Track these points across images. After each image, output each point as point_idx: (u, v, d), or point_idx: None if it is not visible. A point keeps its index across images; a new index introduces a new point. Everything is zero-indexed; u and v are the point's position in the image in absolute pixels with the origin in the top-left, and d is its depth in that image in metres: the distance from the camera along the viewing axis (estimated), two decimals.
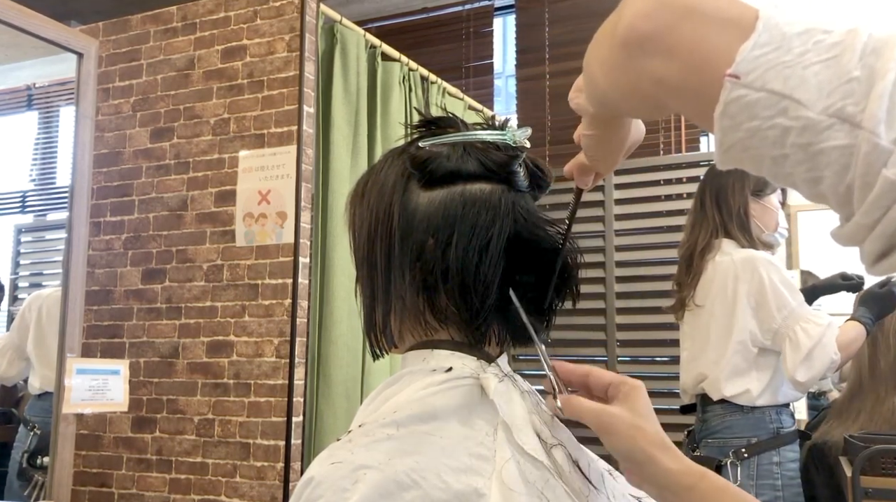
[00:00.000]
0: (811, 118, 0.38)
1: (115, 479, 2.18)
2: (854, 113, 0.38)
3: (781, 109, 0.39)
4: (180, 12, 2.30)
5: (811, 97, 0.39)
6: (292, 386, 1.99)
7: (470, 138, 0.74)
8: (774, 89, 0.39)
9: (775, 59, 0.40)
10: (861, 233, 0.40)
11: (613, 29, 0.48)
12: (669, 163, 3.28)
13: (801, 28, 0.40)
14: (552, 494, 0.67)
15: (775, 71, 0.39)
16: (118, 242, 2.30)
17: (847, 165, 0.38)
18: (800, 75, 0.39)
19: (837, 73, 0.38)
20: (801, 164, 0.40)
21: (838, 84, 0.38)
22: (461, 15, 3.90)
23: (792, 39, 0.40)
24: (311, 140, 2.13)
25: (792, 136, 0.39)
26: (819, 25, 0.40)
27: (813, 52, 0.39)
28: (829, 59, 0.39)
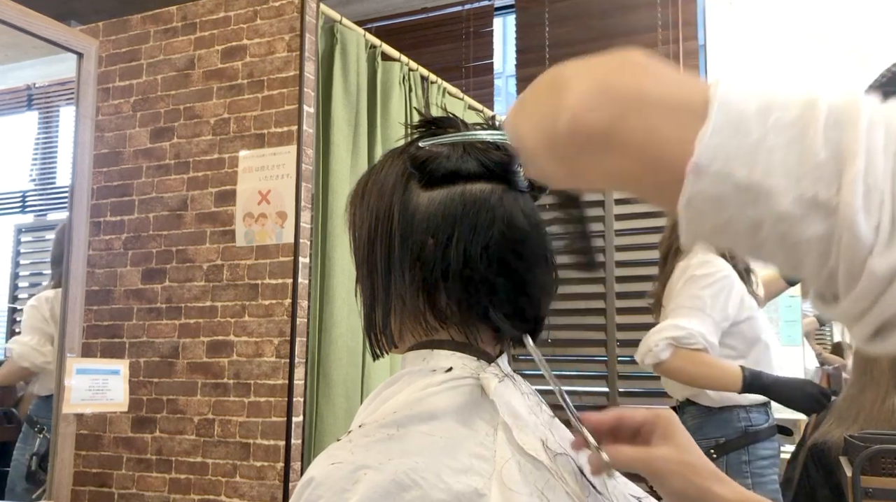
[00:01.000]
0: (784, 210, 0.36)
1: (115, 479, 2.18)
2: (828, 198, 0.36)
3: (750, 200, 0.37)
4: (180, 12, 2.30)
5: (780, 186, 0.36)
6: (292, 386, 1.99)
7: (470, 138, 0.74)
8: (740, 180, 0.37)
9: (736, 145, 0.37)
10: (849, 320, 0.38)
11: (554, 116, 0.43)
12: None
13: (757, 105, 0.38)
14: (552, 494, 0.67)
15: (738, 159, 0.37)
16: (118, 242, 2.30)
17: (827, 253, 0.37)
18: (765, 162, 0.37)
19: (803, 156, 0.36)
20: (779, 253, 0.38)
21: (806, 169, 0.36)
22: (461, 15, 3.90)
23: (749, 120, 0.37)
24: (311, 140, 2.13)
25: (766, 228, 0.37)
26: (775, 99, 0.38)
27: (773, 133, 0.37)
28: (791, 139, 0.37)
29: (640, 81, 0.41)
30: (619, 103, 0.41)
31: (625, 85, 0.41)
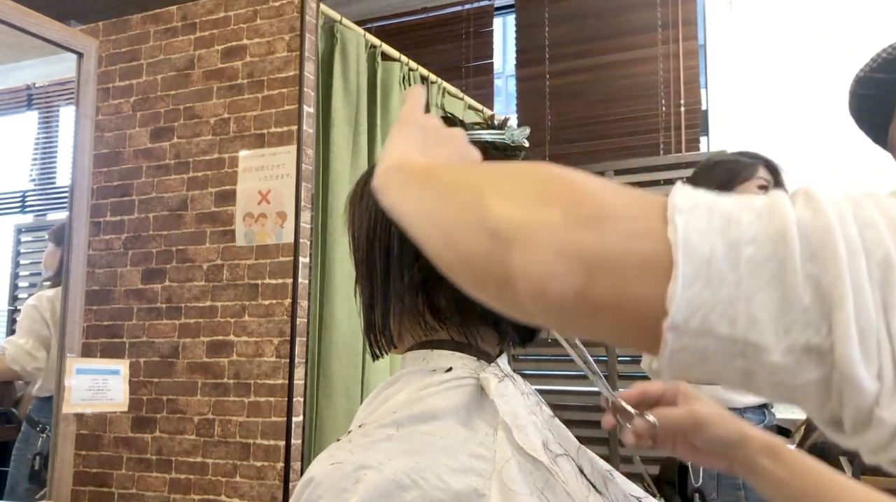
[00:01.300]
0: (775, 362, 0.35)
1: (115, 479, 2.18)
2: (819, 342, 0.34)
3: (738, 352, 0.35)
4: (180, 12, 2.30)
5: (768, 339, 0.34)
6: (292, 386, 1.99)
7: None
8: (723, 334, 0.35)
9: (711, 297, 0.35)
10: (861, 449, 0.37)
11: (502, 269, 0.39)
12: (669, 164, 3.28)
13: (723, 242, 0.35)
14: (552, 494, 0.67)
15: (717, 312, 0.35)
16: (118, 242, 2.30)
17: (827, 394, 0.35)
18: (746, 313, 0.35)
19: (786, 302, 0.34)
20: (776, 395, 0.37)
21: (792, 317, 0.34)
22: (461, 15, 3.90)
23: (719, 264, 0.35)
24: (311, 140, 2.13)
25: (759, 377, 0.36)
26: (739, 227, 0.36)
27: (749, 277, 0.35)
28: (768, 281, 0.35)
29: (596, 235, 0.37)
30: (580, 266, 0.37)
31: (581, 241, 0.37)
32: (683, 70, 3.35)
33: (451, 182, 0.48)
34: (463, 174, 0.49)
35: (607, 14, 3.53)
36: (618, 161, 3.34)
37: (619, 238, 0.37)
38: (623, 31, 3.48)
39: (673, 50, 3.37)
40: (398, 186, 0.54)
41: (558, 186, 0.40)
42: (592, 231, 0.37)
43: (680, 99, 3.35)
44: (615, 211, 0.38)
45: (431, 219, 0.47)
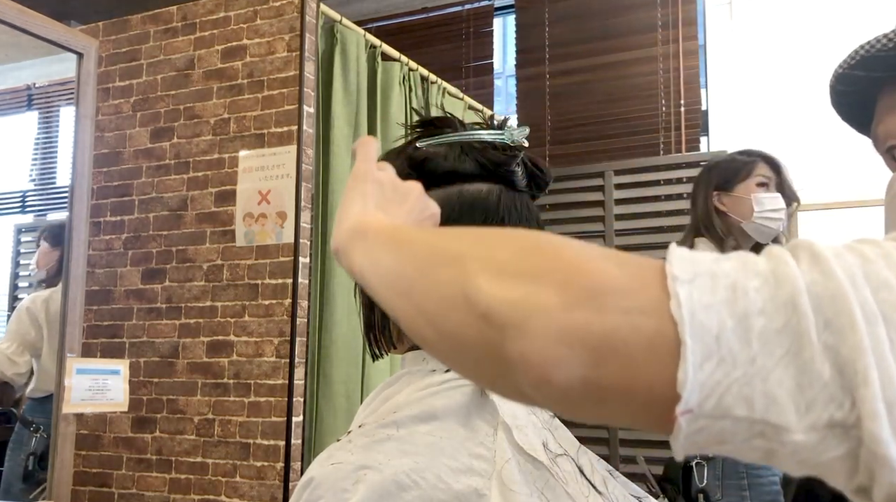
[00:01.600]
0: (797, 441, 0.33)
1: (115, 479, 2.19)
2: (843, 418, 0.32)
3: (757, 433, 0.33)
4: (180, 12, 2.30)
5: (789, 418, 0.32)
6: (292, 386, 1.99)
7: (468, 138, 0.74)
8: (740, 416, 0.33)
9: (725, 377, 0.33)
10: None
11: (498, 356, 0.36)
12: (669, 163, 3.28)
13: (731, 314, 0.33)
14: (552, 494, 0.67)
15: (732, 394, 0.33)
16: (118, 242, 2.30)
17: (854, 468, 0.33)
18: (763, 393, 0.33)
19: (804, 377, 0.32)
20: (800, 470, 0.35)
21: (813, 393, 0.32)
22: (461, 15, 3.90)
23: (730, 340, 0.33)
24: (311, 140, 2.13)
25: (781, 455, 0.34)
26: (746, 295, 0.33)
27: (763, 353, 0.33)
28: (783, 356, 0.32)
29: (596, 315, 0.34)
30: (583, 352, 0.34)
31: (582, 323, 0.34)
32: (683, 70, 3.35)
33: (427, 251, 0.44)
34: (439, 241, 0.44)
35: (607, 14, 3.53)
36: (618, 161, 3.34)
37: (620, 317, 0.34)
38: (623, 31, 3.48)
39: (673, 50, 3.37)
40: (363, 252, 0.50)
41: (547, 258, 0.37)
42: (592, 310, 0.34)
43: (680, 99, 3.35)
44: (612, 284, 0.35)
45: (407, 294, 0.43)
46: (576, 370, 0.34)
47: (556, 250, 0.37)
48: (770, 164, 2.02)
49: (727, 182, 2.04)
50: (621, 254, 0.37)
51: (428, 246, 0.44)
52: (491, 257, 0.39)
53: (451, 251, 0.42)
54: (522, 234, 0.40)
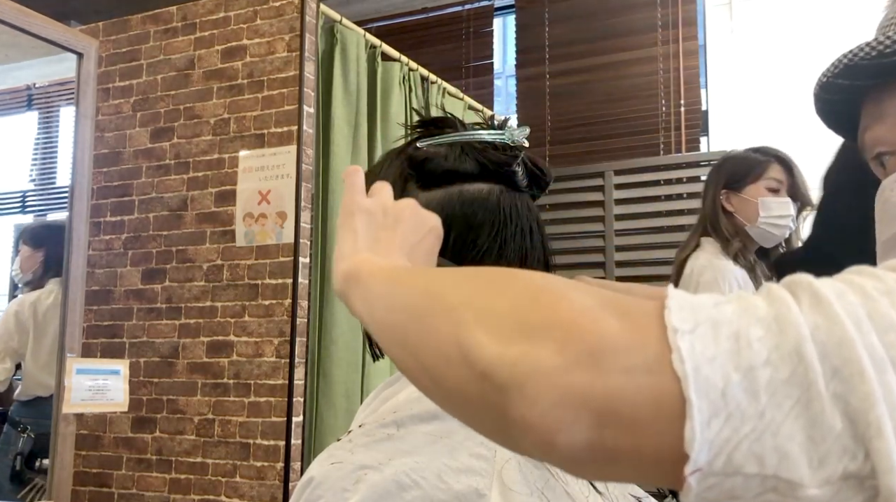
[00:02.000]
0: (812, 496, 0.32)
1: (115, 479, 2.18)
2: (858, 469, 0.31)
3: (770, 488, 0.32)
4: (180, 12, 2.30)
5: (802, 473, 0.32)
6: (292, 386, 1.99)
7: (468, 138, 0.74)
8: (752, 473, 0.32)
9: (734, 434, 0.32)
10: None
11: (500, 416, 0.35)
12: (669, 163, 3.28)
13: (736, 367, 0.32)
14: (552, 494, 0.67)
15: (742, 451, 0.32)
16: (118, 242, 2.30)
17: None
18: (773, 448, 0.32)
19: (816, 430, 0.31)
20: None
21: (825, 447, 0.31)
22: (461, 15, 3.90)
23: (736, 395, 0.32)
24: (311, 140, 2.13)
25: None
26: (749, 344, 0.32)
27: (771, 407, 0.32)
28: (793, 408, 0.32)
29: (598, 375, 0.33)
30: (587, 412, 0.33)
31: (584, 385, 0.33)
32: (683, 70, 3.35)
33: (420, 299, 0.43)
34: (433, 286, 0.43)
35: (607, 14, 3.53)
36: (618, 161, 3.34)
37: (622, 377, 0.33)
38: (623, 31, 3.48)
39: (673, 50, 3.37)
40: (359, 298, 0.50)
41: (546, 311, 0.36)
42: (593, 371, 0.33)
43: (680, 99, 3.35)
44: (612, 342, 0.34)
45: (404, 345, 0.43)
46: (580, 434, 0.33)
47: (554, 302, 0.36)
48: (784, 166, 1.99)
49: (737, 182, 2.01)
50: (619, 299, 0.36)
51: (421, 293, 0.43)
52: (487, 308, 0.38)
53: (446, 300, 0.40)
54: (519, 280, 0.39)
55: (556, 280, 0.38)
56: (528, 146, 0.78)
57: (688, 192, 3.23)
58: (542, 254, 0.76)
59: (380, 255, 0.55)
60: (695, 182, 3.26)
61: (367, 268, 0.51)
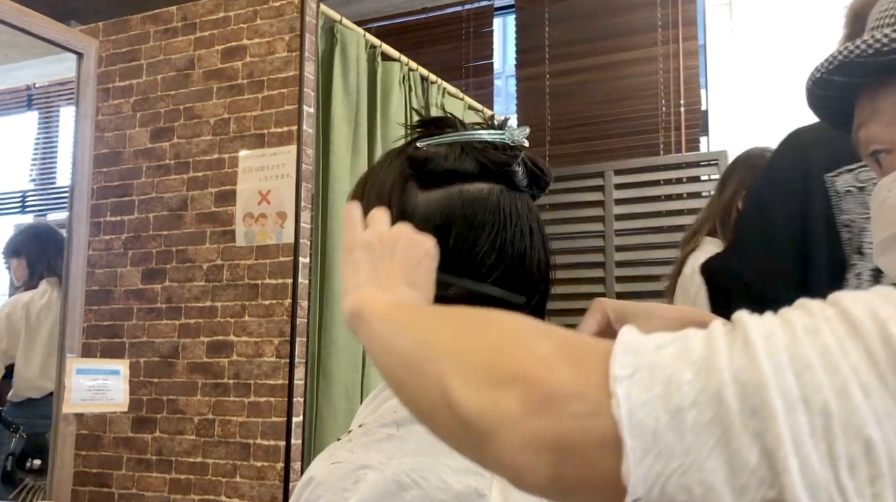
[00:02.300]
0: None
1: (115, 479, 2.19)
2: (776, 497, 0.35)
3: None
4: (180, 12, 2.30)
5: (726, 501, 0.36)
6: (292, 386, 1.99)
7: (468, 138, 0.74)
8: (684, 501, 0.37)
9: (664, 469, 0.36)
10: None
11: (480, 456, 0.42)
12: (669, 163, 3.28)
13: (666, 410, 0.36)
14: None
15: (672, 483, 0.36)
16: (118, 242, 2.30)
17: None
18: (699, 481, 0.36)
19: (735, 464, 0.36)
20: None
21: (743, 479, 0.35)
22: (461, 15, 3.90)
23: (665, 435, 0.36)
24: (311, 140, 2.13)
25: None
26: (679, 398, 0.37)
27: (696, 445, 0.36)
28: (715, 445, 0.36)
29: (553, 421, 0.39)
30: (546, 453, 0.39)
31: (542, 430, 0.39)
32: (683, 70, 3.35)
33: (411, 347, 0.48)
34: (421, 332, 0.49)
35: (607, 14, 3.53)
36: (618, 161, 3.34)
37: (573, 421, 0.38)
38: (623, 31, 3.48)
39: (673, 50, 3.37)
40: (364, 337, 0.55)
41: (511, 363, 0.41)
42: (549, 417, 0.39)
43: (680, 99, 3.35)
44: (565, 391, 0.39)
45: (401, 387, 0.49)
46: (542, 471, 0.39)
47: (518, 352, 0.42)
48: None
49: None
50: (576, 344, 0.42)
51: (412, 341, 0.48)
52: (464, 360, 0.43)
53: (431, 350, 0.46)
54: (491, 329, 0.44)
55: (524, 326, 0.44)
56: (528, 146, 0.78)
57: (688, 192, 3.23)
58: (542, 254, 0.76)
59: (382, 287, 0.59)
60: (694, 182, 3.26)
61: (370, 306, 0.55)
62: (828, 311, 0.39)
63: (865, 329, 0.37)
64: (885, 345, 0.36)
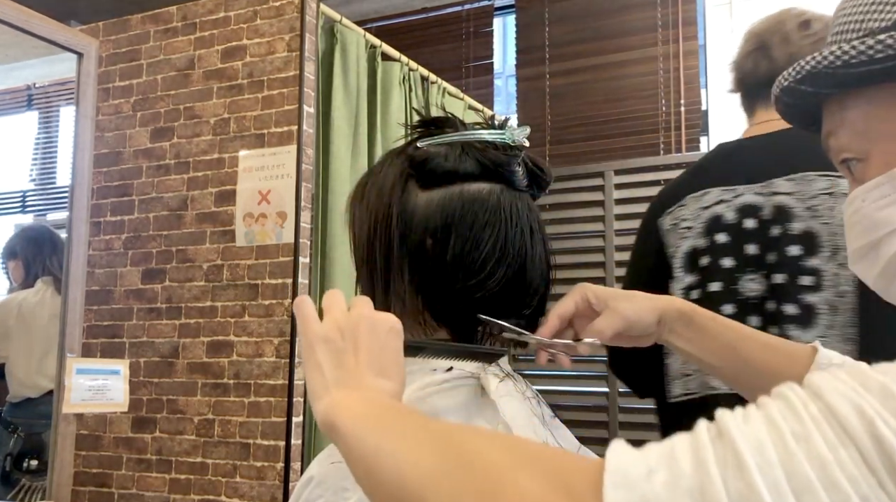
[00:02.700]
0: None
1: (115, 479, 2.18)
2: None
3: None
4: (180, 12, 2.30)
5: None
6: (292, 386, 1.99)
7: (468, 138, 0.74)
8: None
9: None
10: None
11: None
12: (669, 164, 3.27)
13: None
14: None
15: None
16: (118, 242, 2.30)
17: None
18: None
19: None
20: None
21: None
22: (461, 15, 3.90)
23: None
24: (311, 140, 2.13)
25: None
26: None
27: None
28: None
29: None
30: None
31: None
32: (683, 70, 3.35)
33: (390, 483, 0.47)
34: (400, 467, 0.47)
35: (607, 14, 3.52)
36: (618, 161, 3.34)
37: None
38: (623, 31, 3.48)
39: (673, 50, 3.37)
40: (342, 451, 0.53)
41: None
42: None
43: (680, 99, 3.35)
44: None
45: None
46: None
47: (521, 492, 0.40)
48: None
49: None
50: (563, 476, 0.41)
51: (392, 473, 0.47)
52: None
53: (415, 488, 0.45)
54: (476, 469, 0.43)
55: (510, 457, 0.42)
56: (528, 146, 0.78)
57: None
58: (542, 253, 0.76)
59: (349, 386, 0.57)
60: None
61: (340, 418, 0.53)
62: (811, 408, 0.38)
63: (855, 431, 0.36)
64: (877, 447, 0.36)
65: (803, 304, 1.17)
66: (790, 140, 1.24)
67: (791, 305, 1.18)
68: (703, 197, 1.33)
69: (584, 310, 0.79)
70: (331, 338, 0.61)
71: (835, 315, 1.15)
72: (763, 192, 1.25)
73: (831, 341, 1.14)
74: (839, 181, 1.17)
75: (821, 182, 1.20)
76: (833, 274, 1.16)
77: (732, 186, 1.29)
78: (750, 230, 1.25)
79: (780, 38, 1.33)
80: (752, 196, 1.26)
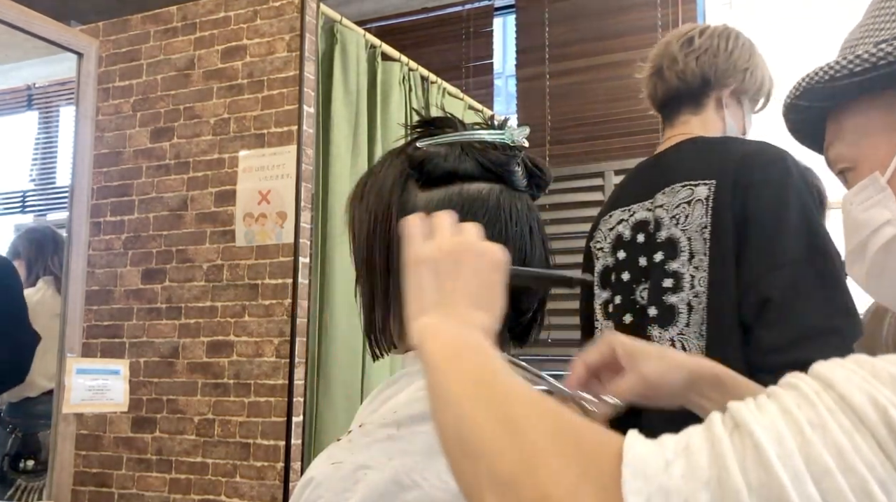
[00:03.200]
0: None
1: (115, 479, 2.18)
2: None
3: None
4: (180, 12, 2.30)
5: None
6: (292, 386, 1.99)
7: (468, 138, 0.74)
8: None
9: None
10: None
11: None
12: None
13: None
14: None
15: None
16: (118, 242, 2.30)
17: None
18: None
19: None
20: None
21: None
22: (461, 15, 3.90)
23: None
24: (311, 140, 2.13)
25: None
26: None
27: None
28: None
29: None
30: None
31: None
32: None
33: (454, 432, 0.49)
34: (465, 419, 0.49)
35: (607, 14, 3.53)
36: (618, 161, 3.34)
37: None
38: (623, 31, 3.48)
39: None
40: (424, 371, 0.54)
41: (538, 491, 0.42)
42: None
43: None
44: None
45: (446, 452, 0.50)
46: None
47: (545, 478, 0.42)
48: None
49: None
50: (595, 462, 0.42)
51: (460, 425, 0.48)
52: (496, 475, 0.44)
53: (473, 448, 0.46)
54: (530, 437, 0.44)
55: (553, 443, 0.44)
56: (528, 146, 0.78)
57: None
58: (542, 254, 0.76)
59: (447, 311, 0.58)
60: None
61: (428, 343, 0.55)
62: (825, 398, 0.39)
63: (870, 419, 0.37)
64: (892, 434, 0.37)
65: (666, 306, 1.26)
66: (671, 156, 1.39)
67: (654, 307, 1.28)
68: (609, 219, 1.47)
69: (611, 363, 0.77)
70: (435, 259, 0.60)
71: (691, 314, 1.23)
72: (650, 208, 1.36)
73: (688, 338, 1.23)
74: (695, 189, 1.27)
75: (683, 192, 1.29)
76: (690, 275, 1.25)
77: (629, 205, 1.42)
78: (640, 244, 1.37)
79: (669, 60, 1.42)
80: (643, 212, 1.38)
